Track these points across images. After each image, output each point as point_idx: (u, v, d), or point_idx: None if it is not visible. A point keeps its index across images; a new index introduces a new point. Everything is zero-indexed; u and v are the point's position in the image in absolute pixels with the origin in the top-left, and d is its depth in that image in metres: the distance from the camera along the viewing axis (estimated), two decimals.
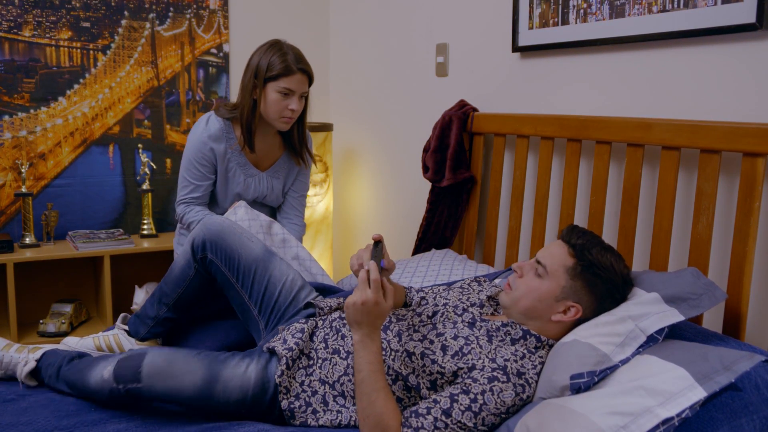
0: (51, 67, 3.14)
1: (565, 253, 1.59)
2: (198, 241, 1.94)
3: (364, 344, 1.48)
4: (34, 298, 3.18)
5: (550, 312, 1.58)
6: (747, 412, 1.34)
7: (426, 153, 2.65)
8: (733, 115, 1.76)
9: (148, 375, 1.61)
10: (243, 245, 1.95)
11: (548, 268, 1.58)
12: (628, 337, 1.48)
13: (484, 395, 1.44)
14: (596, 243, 1.60)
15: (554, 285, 1.57)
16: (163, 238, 3.27)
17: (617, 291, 1.58)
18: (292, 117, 2.32)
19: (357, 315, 1.47)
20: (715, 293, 1.58)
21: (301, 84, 2.30)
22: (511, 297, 1.63)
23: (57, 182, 3.19)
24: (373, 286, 1.47)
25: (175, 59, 3.36)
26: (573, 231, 1.63)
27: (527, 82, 2.42)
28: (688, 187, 1.87)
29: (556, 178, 2.29)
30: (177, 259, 2.01)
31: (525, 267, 1.64)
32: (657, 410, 1.30)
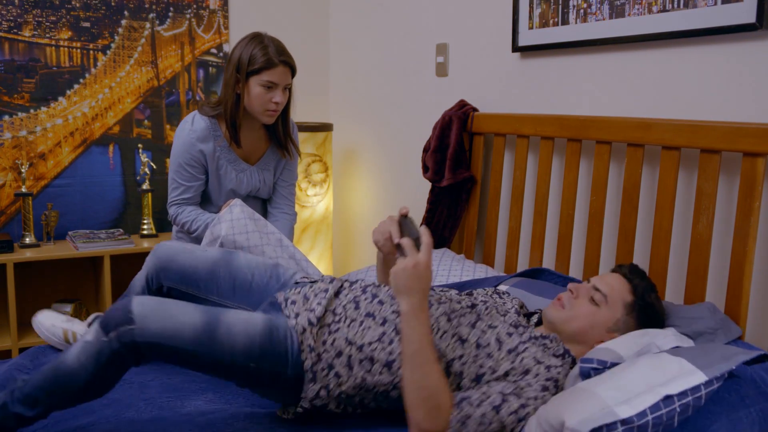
0: (51, 67, 3.14)
1: (627, 289, 1.61)
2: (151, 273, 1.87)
3: (415, 314, 1.40)
4: (34, 298, 3.18)
5: (597, 340, 1.59)
6: (744, 405, 1.36)
7: (426, 153, 2.65)
8: (733, 115, 1.76)
9: (140, 315, 1.45)
10: (197, 257, 1.87)
11: (608, 298, 1.60)
12: (645, 347, 1.52)
13: (536, 401, 1.42)
14: (654, 288, 1.65)
15: (610, 316, 1.59)
16: (163, 237, 3.27)
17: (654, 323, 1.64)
18: (277, 110, 2.31)
19: (409, 280, 1.40)
20: (729, 328, 1.64)
21: (283, 76, 2.28)
22: (563, 315, 1.61)
23: (57, 182, 3.19)
24: (426, 248, 1.42)
25: (175, 59, 3.36)
26: (635, 271, 1.66)
27: (527, 82, 2.42)
28: (688, 187, 1.88)
29: (556, 178, 2.29)
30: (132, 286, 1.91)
31: (581, 289, 1.63)
32: (658, 389, 1.33)
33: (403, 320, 1.41)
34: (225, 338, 1.49)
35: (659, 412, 1.29)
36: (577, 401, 1.34)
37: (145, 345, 1.45)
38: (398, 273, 1.41)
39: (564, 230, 2.19)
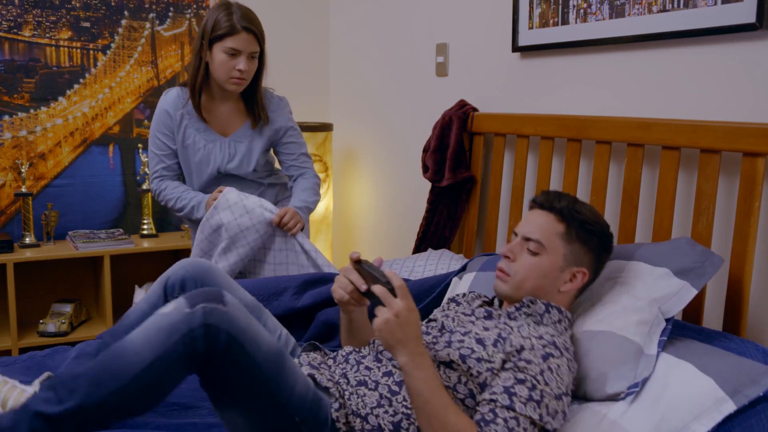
0: (51, 67, 3.14)
1: (553, 220, 1.54)
2: (174, 279, 1.65)
3: (415, 363, 1.30)
4: (34, 298, 3.18)
5: (557, 284, 1.54)
6: (755, 412, 1.37)
7: (426, 153, 2.65)
8: (733, 115, 1.76)
9: (232, 303, 1.31)
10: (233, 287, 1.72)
11: (543, 241, 1.52)
12: (653, 324, 1.51)
13: (544, 375, 1.34)
14: (574, 200, 1.58)
15: (554, 256, 1.52)
16: (163, 238, 3.27)
17: (609, 241, 1.59)
18: (242, 77, 2.26)
19: (396, 331, 1.29)
20: (712, 259, 1.62)
21: (247, 43, 2.23)
22: (512, 283, 1.54)
23: (57, 182, 3.19)
24: (401, 292, 1.31)
25: (175, 59, 3.36)
26: (549, 196, 1.58)
27: (527, 82, 2.42)
28: (688, 187, 1.88)
29: (556, 178, 2.29)
30: (136, 307, 1.65)
31: (515, 249, 1.55)
32: (693, 425, 1.33)
33: (405, 374, 1.31)
34: (290, 375, 1.36)
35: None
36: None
37: (226, 335, 1.27)
38: (382, 328, 1.29)
39: None
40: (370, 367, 1.48)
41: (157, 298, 1.65)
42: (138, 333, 1.28)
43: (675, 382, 1.42)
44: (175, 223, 3.43)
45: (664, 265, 1.60)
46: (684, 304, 1.55)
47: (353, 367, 1.50)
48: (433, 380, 1.31)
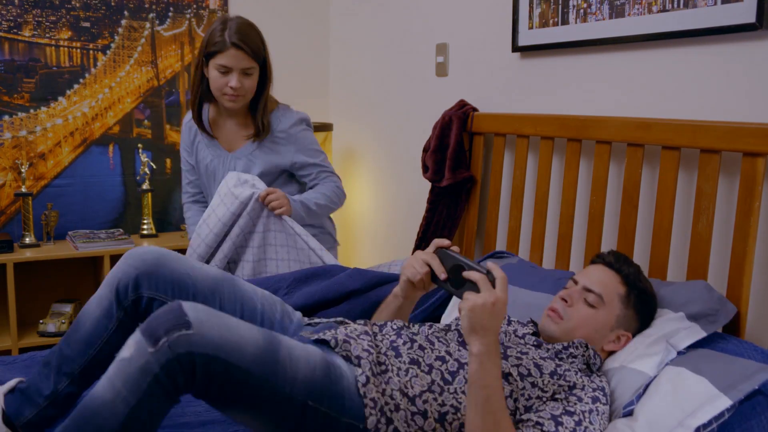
0: (51, 67, 3.14)
1: (617, 281, 1.58)
2: (126, 280, 1.50)
3: (489, 355, 1.27)
4: (34, 298, 3.18)
5: (603, 341, 1.57)
6: (755, 414, 1.37)
7: (426, 153, 2.65)
8: (733, 115, 1.76)
9: (197, 319, 1.17)
10: (194, 268, 1.57)
11: (604, 297, 1.56)
12: (664, 354, 1.53)
13: (591, 415, 1.36)
14: (639, 269, 1.63)
15: (610, 315, 1.56)
16: (163, 238, 3.28)
17: (654, 314, 1.64)
18: (235, 94, 2.22)
19: (486, 318, 1.25)
20: (727, 308, 1.65)
21: (236, 60, 2.18)
22: (564, 327, 1.56)
23: (57, 182, 3.19)
24: (502, 284, 1.29)
25: (175, 59, 3.36)
26: (619, 258, 1.62)
27: (527, 82, 2.42)
28: (688, 187, 1.87)
29: (556, 178, 2.29)
30: (87, 308, 1.54)
31: (574, 295, 1.58)
32: (687, 421, 1.34)
33: (475, 362, 1.26)
34: (287, 362, 1.26)
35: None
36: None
37: (203, 358, 1.15)
38: (475, 310, 1.25)
39: (564, 230, 2.19)
40: (423, 346, 1.44)
41: (110, 303, 1.50)
42: (104, 387, 1.16)
43: (668, 386, 1.43)
44: (175, 223, 3.43)
45: (679, 311, 1.63)
46: (692, 341, 1.56)
47: (406, 343, 1.43)
48: (500, 379, 1.29)
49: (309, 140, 2.39)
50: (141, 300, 1.51)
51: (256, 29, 2.25)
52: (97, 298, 1.53)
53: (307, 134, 2.39)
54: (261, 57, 2.24)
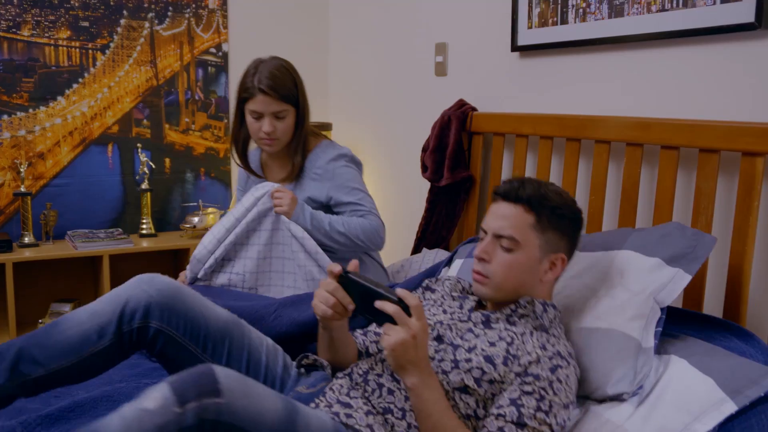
0: (50, 66, 3.14)
1: (521, 212, 1.47)
2: (135, 305, 1.45)
3: (425, 384, 1.26)
4: (33, 298, 3.18)
5: (538, 276, 1.49)
6: (755, 413, 1.37)
7: (425, 152, 2.65)
8: (732, 115, 1.76)
9: (228, 389, 1.13)
10: (206, 307, 1.53)
11: (516, 236, 1.45)
12: (650, 317, 1.51)
13: (552, 386, 1.32)
14: (539, 185, 1.51)
15: (530, 249, 1.46)
16: (162, 237, 3.27)
17: (580, 219, 1.54)
18: (270, 138, 2.17)
19: (410, 353, 1.24)
20: (704, 241, 1.61)
21: (265, 105, 2.13)
22: (492, 285, 1.48)
23: (56, 182, 3.19)
24: (417, 312, 1.24)
25: (174, 59, 3.36)
26: (513, 185, 1.50)
27: (526, 82, 2.42)
28: (687, 187, 1.88)
29: (555, 178, 2.29)
30: (74, 316, 1.47)
31: (488, 249, 1.48)
32: (694, 425, 1.33)
33: (412, 396, 1.27)
34: (304, 429, 1.22)
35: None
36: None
37: (225, 427, 1.11)
38: (396, 349, 1.23)
39: None
40: (392, 390, 1.40)
41: (107, 321, 1.44)
42: (118, 428, 1.09)
43: (676, 384, 1.42)
44: (174, 223, 3.43)
45: (655, 255, 1.60)
46: (678, 291, 1.55)
47: (375, 391, 1.40)
48: (441, 401, 1.28)
49: (346, 177, 2.25)
50: (148, 329, 1.45)
51: (287, 71, 2.18)
52: (90, 312, 1.46)
53: (345, 171, 2.25)
54: (293, 99, 2.18)
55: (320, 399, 1.39)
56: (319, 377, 1.51)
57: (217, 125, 3.47)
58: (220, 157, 3.49)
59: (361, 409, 1.35)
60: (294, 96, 2.18)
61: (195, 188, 3.46)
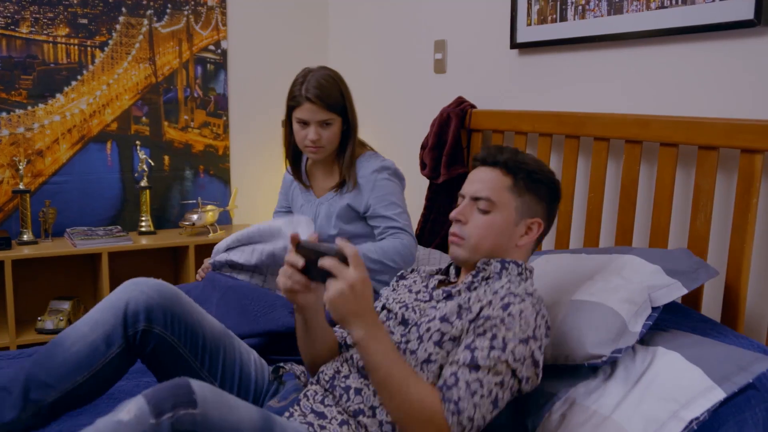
0: (48, 63, 3.14)
1: (499, 175, 1.49)
2: (136, 308, 1.43)
3: (371, 335, 1.24)
4: (32, 295, 3.18)
5: (514, 239, 1.49)
6: (749, 406, 1.36)
7: (424, 150, 2.65)
8: (731, 112, 1.76)
9: (203, 399, 1.13)
10: (203, 315, 1.52)
11: (493, 197, 1.47)
12: (641, 307, 1.50)
13: (504, 322, 1.29)
14: (516, 151, 1.52)
15: (507, 211, 1.48)
16: (161, 235, 3.27)
17: (557, 188, 1.56)
18: (315, 146, 2.17)
19: (350, 304, 1.22)
20: (707, 269, 1.63)
21: (311, 113, 2.13)
22: (468, 246, 1.47)
23: (55, 179, 3.19)
24: (354, 261, 1.22)
25: (173, 56, 3.36)
26: (491, 150, 1.52)
27: (525, 79, 2.42)
28: (686, 184, 1.88)
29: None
30: (73, 332, 1.44)
31: (465, 210, 1.49)
32: (682, 413, 1.33)
33: (360, 349, 1.25)
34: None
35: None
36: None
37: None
38: (335, 300, 1.22)
39: (562, 227, 2.19)
40: (359, 389, 1.37)
41: (112, 328, 1.42)
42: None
43: (663, 374, 1.42)
44: (173, 220, 3.43)
45: (658, 264, 1.61)
46: (672, 297, 1.55)
47: (342, 396, 1.38)
48: (391, 352, 1.25)
49: (387, 190, 2.22)
50: (150, 334, 1.43)
51: (335, 80, 2.18)
52: (90, 322, 1.43)
53: (387, 183, 2.22)
54: (340, 108, 2.17)
55: (294, 408, 1.37)
56: (290, 388, 1.50)
57: (216, 122, 3.47)
58: (219, 155, 3.49)
59: (335, 420, 1.33)
60: (340, 105, 2.16)
61: (194, 186, 3.46)
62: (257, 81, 3.50)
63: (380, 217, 2.21)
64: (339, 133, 2.20)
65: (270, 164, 3.57)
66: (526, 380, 1.30)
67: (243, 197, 3.52)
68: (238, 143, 3.53)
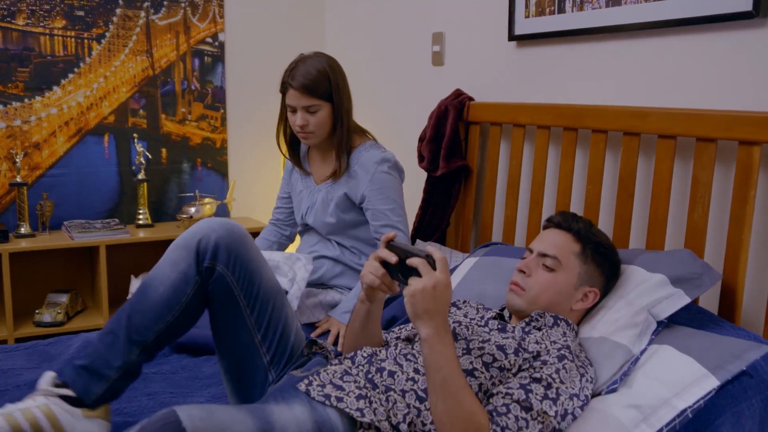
0: (45, 56, 3.13)
1: (570, 240, 1.58)
2: (209, 243, 1.48)
3: (439, 337, 1.26)
4: (29, 288, 3.18)
5: (570, 302, 1.56)
6: (746, 397, 1.37)
7: (421, 142, 2.65)
8: (730, 104, 1.76)
9: (194, 430, 1.13)
10: (262, 265, 1.55)
11: (560, 258, 1.55)
12: (644, 327, 1.52)
13: (560, 374, 1.35)
14: (590, 223, 1.63)
15: (570, 274, 1.55)
16: (158, 227, 3.27)
17: (618, 266, 1.63)
18: (304, 132, 2.19)
19: (428, 302, 1.25)
20: (712, 274, 1.65)
21: (296, 99, 2.15)
22: (527, 298, 1.56)
23: (52, 172, 3.18)
24: (441, 265, 1.27)
25: (170, 48, 3.35)
26: (567, 216, 1.63)
27: (523, 71, 2.42)
28: (684, 176, 1.88)
29: (552, 168, 2.29)
30: (157, 274, 1.49)
31: (531, 264, 1.58)
32: (674, 401, 1.33)
33: (425, 347, 1.27)
34: None
35: (673, 424, 1.32)
36: (595, 430, 1.32)
37: None
38: (415, 295, 1.26)
39: None
40: (393, 371, 1.42)
41: (188, 266, 1.47)
42: None
43: (656, 366, 1.42)
44: (171, 213, 3.42)
45: (662, 272, 1.61)
46: (675, 308, 1.56)
47: (377, 372, 1.42)
48: (454, 358, 1.28)
49: (385, 184, 2.21)
50: (213, 272, 1.48)
51: (323, 66, 2.16)
52: (169, 262, 1.49)
53: (386, 177, 2.21)
54: (325, 94, 2.15)
55: (314, 377, 1.39)
56: (314, 362, 1.53)
57: (213, 115, 3.46)
58: (216, 148, 3.48)
59: (352, 393, 1.36)
60: (326, 91, 2.15)
61: (192, 178, 3.45)
62: (255, 73, 3.49)
63: (374, 210, 2.21)
64: (329, 120, 2.20)
65: (268, 157, 3.56)
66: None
67: (241, 190, 3.52)
68: (236, 136, 3.53)
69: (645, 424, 1.31)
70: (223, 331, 1.52)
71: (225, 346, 1.53)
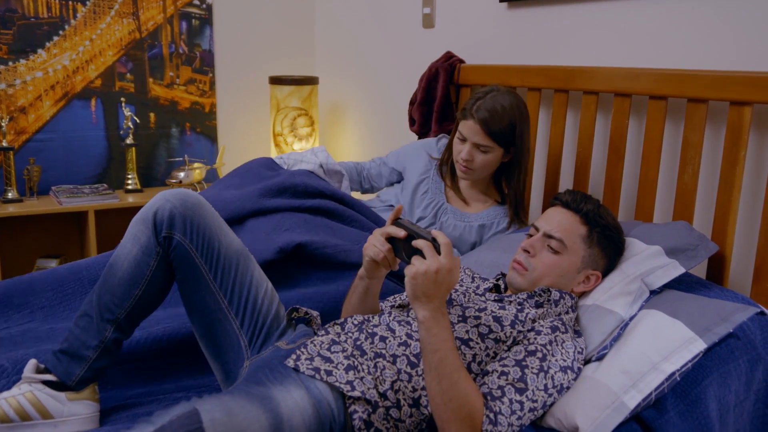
0: (29, 17, 3.07)
1: (577, 221, 1.55)
2: (164, 214, 1.48)
3: (436, 320, 1.26)
4: (18, 254, 3.16)
5: (572, 284, 1.56)
6: (733, 358, 1.39)
7: (412, 106, 2.63)
8: (720, 64, 1.76)
9: (211, 424, 1.13)
10: (222, 230, 1.53)
11: (566, 240, 1.53)
12: (637, 295, 1.53)
13: (552, 346, 1.35)
14: (599, 204, 1.59)
15: (574, 258, 1.54)
16: (147, 192, 3.25)
17: (622, 247, 1.62)
18: (466, 165, 2.07)
19: (428, 285, 1.25)
20: (708, 245, 1.65)
21: (471, 131, 2.03)
22: (529, 278, 1.54)
23: (39, 136, 3.15)
24: (446, 250, 1.26)
25: (156, 11, 3.29)
26: (576, 197, 1.59)
27: (514, 33, 2.40)
28: (674, 137, 1.87)
29: (543, 130, 2.28)
30: (121, 250, 1.49)
31: (535, 244, 1.55)
32: (662, 365, 1.35)
33: (422, 329, 1.27)
34: None
35: (662, 387, 1.33)
36: (586, 397, 1.33)
37: None
38: (417, 278, 1.25)
39: (551, 181, 2.19)
40: (384, 336, 1.42)
41: (147, 239, 1.48)
42: None
43: (645, 330, 1.43)
44: (160, 178, 3.40)
45: (658, 243, 1.61)
46: (669, 278, 1.56)
47: (368, 338, 1.42)
48: (451, 340, 1.28)
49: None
50: (170, 240, 1.48)
51: (510, 111, 2.02)
52: (130, 237, 1.49)
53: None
54: (502, 139, 2.04)
55: (301, 351, 1.38)
56: (300, 333, 1.52)
57: (202, 79, 3.42)
58: (205, 112, 3.45)
59: (341, 364, 1.35)
60: (505, 137, 2.04)
61: (180, 143, 3.43)
62: (243, 37, 3.44)
63: None
64: (496, 163, 2.10)
65: (257, 121, 3.53)
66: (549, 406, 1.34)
67: (230, 155, 3.49)
68: (225, 100, 3.49)
69: (634, 389, 1.32)
70: (190, 298, 1.51)
71: (195, 312, 1.52)
